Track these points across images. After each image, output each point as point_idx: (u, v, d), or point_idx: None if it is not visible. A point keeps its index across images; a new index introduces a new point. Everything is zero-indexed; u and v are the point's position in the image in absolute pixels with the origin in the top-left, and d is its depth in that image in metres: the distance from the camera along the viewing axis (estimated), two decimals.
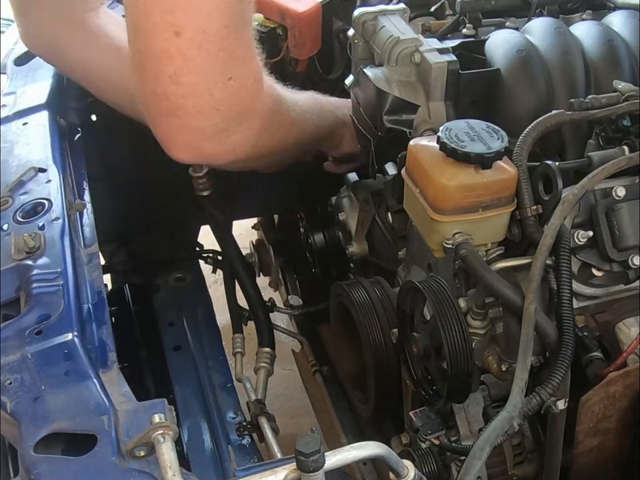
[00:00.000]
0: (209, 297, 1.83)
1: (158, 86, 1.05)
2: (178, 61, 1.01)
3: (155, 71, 1.03)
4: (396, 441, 1.31)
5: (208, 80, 1.04)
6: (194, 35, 1.00)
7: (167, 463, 0.77)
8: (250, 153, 1.21)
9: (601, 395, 1.03)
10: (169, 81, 1.03)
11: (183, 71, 1.02)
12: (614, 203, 1.05)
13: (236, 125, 1.12)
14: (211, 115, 1.07)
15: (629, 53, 1.23)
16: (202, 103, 1.05)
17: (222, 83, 1.05)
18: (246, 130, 1.15)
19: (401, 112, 1.23)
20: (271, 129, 1.22)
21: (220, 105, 1.07)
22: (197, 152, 1.14)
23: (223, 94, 1.06)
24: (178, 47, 1.00)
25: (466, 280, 1.12)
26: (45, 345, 0.99)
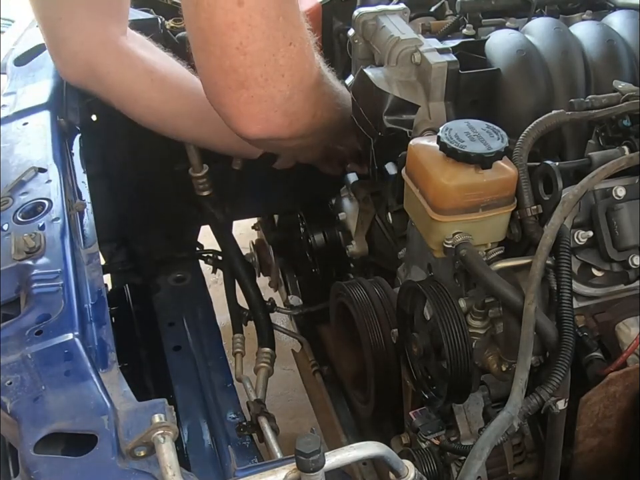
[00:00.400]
0: (209, 297, 1.83)
1: (225, 59, 1.05)
2: (243, 31, 1.03)
3: (220, 44, 1.04)
4: (396, 441, 1.31)
5: (272, 46, 1.05)
6: (255, 3, 1.01)
7: (167, 463, 0.77)
8: (309, 125, 1.22)
9: (601, 395, 1.03)
10: (236, 52, 1.04)
11: (249, 40, 1.03)
12: (614, 202, 1.05)
13: (299, 91, 1.14)
14: (277, 81, 1.09)
15: (629, 53, 1.23)
16: (269, 71, 1.07)
17: (284, 48, 1.07)
18: (306, 98, 1.17)
19: (401, 112, 1.23)
20: (324, 98, 1.24)
21: (285, 70, 1.09)
22: (266, 124, 1.14)
23: (286, 59, 1.08)
24: (242, 16, 1.01)
25: (466, 280, 1.12)
26: (45, 345, 0.99)
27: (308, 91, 1.17)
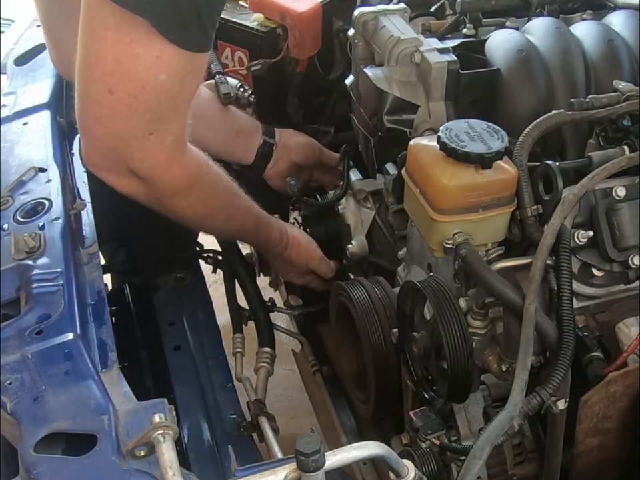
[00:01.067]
0: (209, 296, 1.83)
1: (85, 117, 1.12)
2: (105, 111, 1.09)
3: (86, 104, 1.11)
4: (396, 441, 1.31)
5: (129, 130, 1.11)
6: (125, 97, 1.07)
7: (167, 463, 0.77)
8: (154, 205, 1.26)
9: (601, 395, 1.03)
10: (95, 120, 1.11)
11: (110, 119, 1.10)
12: (614, 202, 1.05)
13: (142, 175, 1.17)
14: (124, 156, 1.14)
15: (629, 52, 1.23)
16: (119, 146, 1.12)
17: (142, 135, 1.12)
18: (152, 184, 1.19)
19: (401, 112, 1.23)
20: (185, 196, 1.26)
21: (134, 152, 1.13)
22: (99, 173, 1.18)
23: (139, 144, 1.13)
24: (108, 101, 1.08)
25: (466, 280, 1.12)
26: (45, 345, 0.99)
27: (158, 179, 1.19)
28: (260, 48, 1.58)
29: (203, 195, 1.29)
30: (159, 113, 1.11)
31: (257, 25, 1.58)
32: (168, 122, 1.13)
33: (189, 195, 1.26)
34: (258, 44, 1.58)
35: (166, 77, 1.06)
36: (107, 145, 1.13)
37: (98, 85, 1.08)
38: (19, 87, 1.58)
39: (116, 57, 1.04)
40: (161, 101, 1.09)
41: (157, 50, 1.04)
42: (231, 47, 1.61)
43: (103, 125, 1.10)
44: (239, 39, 1.59)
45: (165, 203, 1.26)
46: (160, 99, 1.09)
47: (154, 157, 1.15)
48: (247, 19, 1.59)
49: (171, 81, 1.07)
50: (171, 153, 1.17)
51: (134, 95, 1.07)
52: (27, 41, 1.74)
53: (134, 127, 1.11)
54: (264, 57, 1.58)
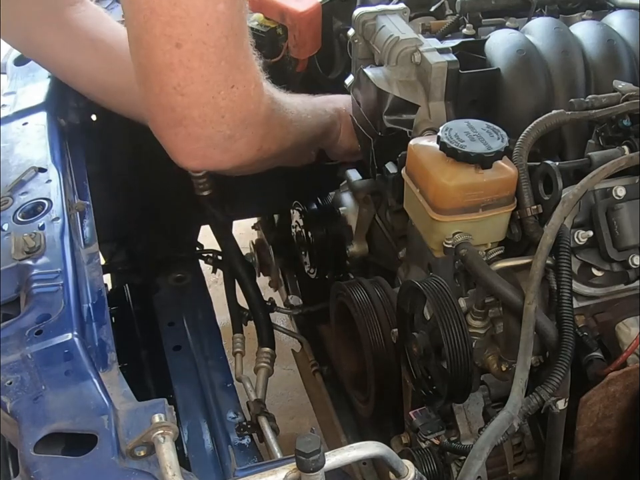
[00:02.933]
0: (208, 296, 1.83)
1: (163, 97, 1.06)
2: (181, 73, 1.03)
3: (159, 82, 1.05)
4: (396, 441, 1.31)
5: (212, 89, 1.05)
6: (194, 47, 1.02)
7: (167, 463, 0.77)
8: (255, 157, 1.22)
9: (601, 395, 1.03)
10: (174, 92, 1.04)
11: (187, 81, 1.04)
12: (614, 202, 1.05)
13: (241, 130, 1.13)
14: (217, 123, 1.09)
15: (629, 52, 1.23)
16: (207, 112, 1.07)
17: (225, 91, 1.06)
18: (251, 135, 1.17)
19: (401, 112, 1.23)
20: (273, 131, 1.23)
21: (225, 112, 1.08)
22: (205, 159, 1.15)
23: (227, 102, 1.07)
24: (180, 58, 1.02)
25: (466, 280, 1.12)
26: (45, 345, 0.99)
27: (254, 128, 1.17)
28: (260, 48, 1.58)
29: (286, 123, 1.27)
30: (232, 57, 1.06)
31: (257, 24, 1.57)
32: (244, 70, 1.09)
33: (277, 127, 1.23)
34: (258, 44, 1.57)
35: (225, 7, 1.02)
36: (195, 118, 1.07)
37: (162, 44, 1.01)
38: (19, 87, 1.58)
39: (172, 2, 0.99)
40: (229, 40, 1.04)
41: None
42: None
43: (184, 93, 1.04)
44: None
45: (268, 149, 1.23)
46: (227, 37, 1.04)
47: (245, 109, 1.11)
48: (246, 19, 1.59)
49: (231, 12, 1.03)
50: (257, 99, 1.13)
51: (202, 40, 1.02)
52: None
53: (214, 82, 1.05)
54: (264, 56, 1.58)
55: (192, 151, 1.13)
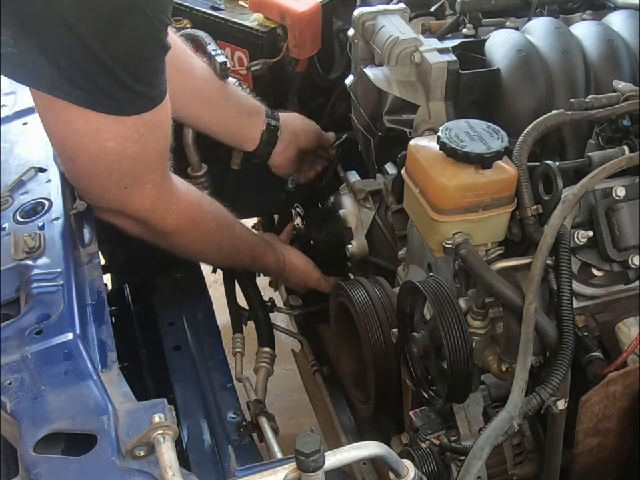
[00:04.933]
0: (209, 296, 1.83)
1: (66, 170, 1.18)
2: (75, 173, 1.15)
3: (62, 163, 1.18)
4: (396, 441, 1.31)
5: (102, 188, 1.15)
6: (85, 164, 1.11)
7: (167, 463, 0.77)
8: (150, 240, 1.31)
9: (600, 395, 1.03)
10: (73, 178, 1.17)
11: (80, 179, 1.16)
12: (614, 202, 1.05)
13: (130, 217, 1.22)
14: (108, 203, 1.19)
15: (629, 53, 1.23)
16: (99, 199, 1.19)
17: (115, 189, 1.15)
18: (145, 225, 1.24)
19: (401, 112, 1.23)
20: (178, 235, 1.29)
21: (113, 203, 1.18)
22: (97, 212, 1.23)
23: (116, 197, 1.17)
24: (73, 166, 1.14)
25: (466, 280, 1.12)
26: (45, 345, 0.99)
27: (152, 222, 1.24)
28: (260, 48, 1.58)
29: (195, 233, 1.32)
30: (124, 171, 1.13)
31: (257, 25, 1.58)
32: (139, 175, 1.15)
33: (180, 233, 1.29)
34: (258, 44, 1.58)
35: (115, 144, 1.07)
36: (91, 193, 1.18)
37: (60, 152, 1.15)
38: (19, 87, 1.58)
39: (61, 134, 1.08)
40: (121, 162, 1.11)
41: (94, 123, 1.04)
42: (230, 47, 1.61)
43: (78, 181, 1.16)
44: (238, 39, 1.60)
45: (158, 241, 1.31)
46: (119, 161, 1.10)
47: (137, 203, 1.19)
48: (246, 19, 1.59)
49: (123, 146, 1.09)
50: (154, 198, 1.20)
51: (92, 162, 1.10)
52: None
53: (103, 186, 1.14)
54: (264, 57, 1.58)
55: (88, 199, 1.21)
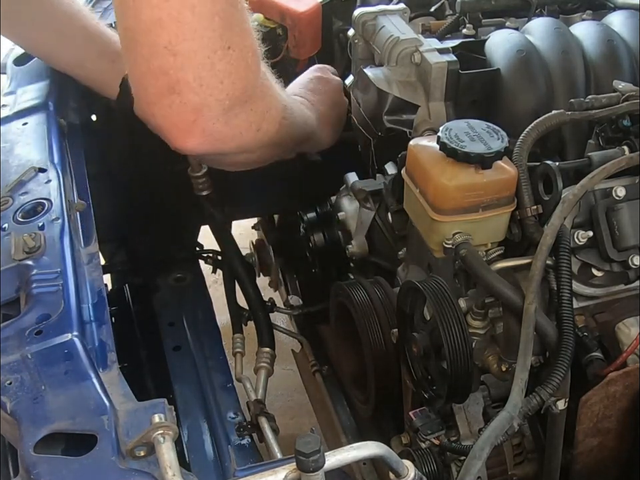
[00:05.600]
0: (208, 296, 1.83)
1: (153, 60, 0.97)
2: (172, 28, 0.94)
3: (148, 44, 0.96)
4: (396, 441, 1.31)
5: (207, 47, 0.96)
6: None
7: (167, 463, 0.77)
8: (254, 139, 1.13)
9: (600, 395, 1.03)
10: (165, 52, 0.95)
11: (179, 38, 0.95)
12: (614, 202, 1.05)
13: (242, 102, 1.04)
14: (215, 89, 0.99)
15: (629, 52, 1.23)
16: (204, 75, 0.97)
17: (222, 51, 0.97)
18: (250, 111, 1.08)
19: (400, 112, 1.23)
20: (271, 111, 1.14)
21: (223, 77, 0.99)
22: (204, 137, 1.04)
23: (224, 64, 0.98)
24: (169, 12, 0.93)
25: (466, 280, 1.12)
26: (45, 345, 0.98)
27: (253, 103, 1.07)
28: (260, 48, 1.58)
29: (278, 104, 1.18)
30: (224, 12, 0.96)
31: (257, 25, 1.57)
32: (241, 33, 1.00)
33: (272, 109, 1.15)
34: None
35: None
36: (190, 82, 0.97)
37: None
38: (19, 87, 1.58)
39: None
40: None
41: None
42: None
43: (176, 53, 0.94)
44: None
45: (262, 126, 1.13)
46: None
47: (243, 74, 1.01)
48: None
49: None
50: (256, 68, 1.05)
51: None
52: None
53: (208, 38, 0.96)
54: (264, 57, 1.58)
55: (189, 126, 1.02)
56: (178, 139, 1.05)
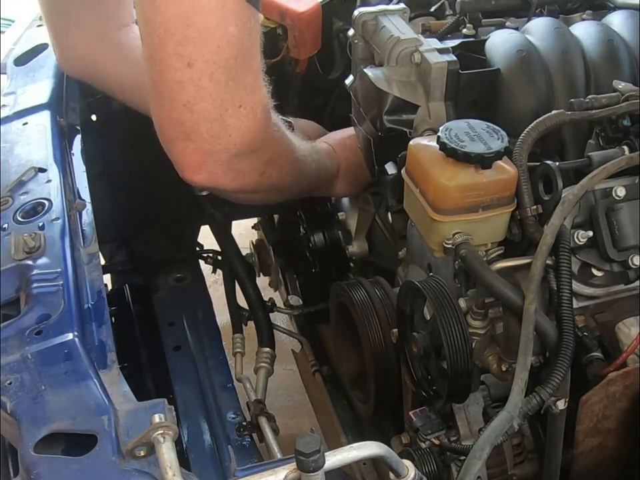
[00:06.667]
0: (208, 296, 1.83)
1: (173, 113, 1.10)
2: (191, 90, 1.07)
3: (169, 99, 1.09)
4: (396, 441, 1.31)
5: (220, 107, 1.09)
6: (205, 66, 1.05)
7: (167, 463, 0.77)
8: (257, 182, 1.25)
9: (600, 395, 1.03)
10: (184, 109, 1.08)
11: (196, 99, 1.08)
12: (614, 202, 1.05)
13: (248, 151, 1.17)
14: (223, 139, 1.12)
15: (629, 52, 1.23)
16: (215, 129, 1.11)
17: (233, 109, 1.10)
18: (256, 157, 1.20)
19: (401, 112, 1.23)
20: (278, 160, 1.26)
21: (232, 130, 1.12)
22: (210, 176, 1.17)
23: (234, 120, 1.11)
24: (190, 77, 1.06)
25: (466, 280, 1.12)
26: (45, 345, 0.99)
27: (260, 151, 1.20)
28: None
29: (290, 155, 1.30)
30: (240, 78, 1.09)
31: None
32: (251, 92, 1.12)
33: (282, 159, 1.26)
34: None
35: (235, 29, 1.05)
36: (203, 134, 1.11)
37: (174, 62, 1.05)
38: (19, 87, 1.58)
39: (184, 18, 1.02)
40: (237, 60, 1.07)
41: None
42: None
43: (193, 110, 1.08)
44: None
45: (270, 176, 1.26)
46: (236, 57, 1.07)
47: (251, 130, 1.14)
48: None
49: (241, 34, 1.06)
50: (264, 124, 1.16)
51: (213, 61, 1.05)
52: (27, 41, 1.74)
53: (222, 100, 1.09)
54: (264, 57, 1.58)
55: (198, 166, 1.16)
56: (187, 174, 1.18)
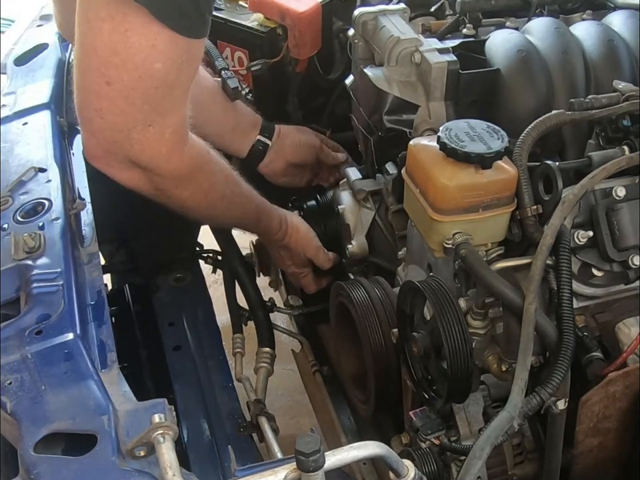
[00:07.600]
0: (208, 296, 1.83)
1: (84, 111, 1.14)
2: (104, 103, 1.11)
3: (85, 98, 1.13)
4: (396, 441, 1.31)
5: (129, 122, 1.12)
6: (122, 89, 1.09)
7: (167, 463, 0.77)
8: (152, 194, 1.27)
9: (600, 395, 1.03)
10: (95, 113, 1.12)
11: (108, 111, 1.11)
12: (614, 203, 1.05)
13: (146, 164, 1.19)
14: (125, 148, 1.15)
15: (629, 53, 1.23)
16: (120, 138, 1.14)
17: (141, 127, 1.13)
18: (151, 173, 1.21)
19: (401, 112, 1.23)
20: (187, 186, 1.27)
21: (135, 143, 1.15)
22: (106, 166, 1.19)
23: (139, 136, 1.14)
24: (107, 93, 1.09)
25: (466, 280, 1.12)
26: (45, 345, 0.99)
27: (157, 168, 1.21)
28: (260, 48, 1.58)
29: (204, 184, 1.30)
30: (157, 104, 1.12)
31: (257, 25, 1.58)
32: (166, 114, 1.14)
33: (190, 184, 1.27)
34: (258, 44, 1.58)
35: (162, 66, 1.07)
36: (107, 137, 1.14)
37: (95, 77, 1.09)
38: (19, 87, 1.58)
39: (112, 47, 1.05)
40: (158, 90, 1.10)
41: (152, 38, 1.04)
42: (230, 47, 1.61)
43: (103, 117, 1.12)
44: (238, 39, 1.60)
45: (167, 194, 1.27)
46: (157, 88, 1.09)
47: (154, 148, 1.16)
48: (246, 19, 1.59)
49: (167, 70, 1.08)
50: (171, 145, 1.18)
51: (131, 87, 1.08)
52: (27, 41, 1.74)
53: (133, 118, 1.12)
54: (264, 57, 1.58)
55: (97, 157, 1.18)
56: (87, 157, 1.21)
